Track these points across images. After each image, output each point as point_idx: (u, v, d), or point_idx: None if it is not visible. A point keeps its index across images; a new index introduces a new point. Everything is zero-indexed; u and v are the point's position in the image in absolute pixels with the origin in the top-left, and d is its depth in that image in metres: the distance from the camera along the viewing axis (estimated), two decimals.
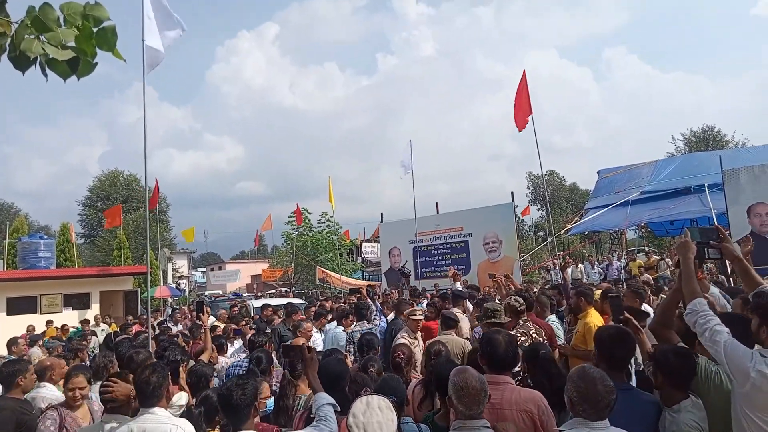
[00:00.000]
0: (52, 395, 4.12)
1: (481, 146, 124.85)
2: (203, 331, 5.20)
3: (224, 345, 6.02)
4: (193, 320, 9.95)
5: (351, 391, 3.03)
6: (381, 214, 21.79)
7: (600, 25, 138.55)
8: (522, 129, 11.60)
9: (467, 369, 2.48)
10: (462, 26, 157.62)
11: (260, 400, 3.11)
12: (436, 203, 20.33)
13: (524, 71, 11.93)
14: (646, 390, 2.85)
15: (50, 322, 12.94)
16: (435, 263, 18.44)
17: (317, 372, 2.89)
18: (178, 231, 45.57)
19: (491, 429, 2.37)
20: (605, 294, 4.74)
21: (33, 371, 4.05)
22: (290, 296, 19.46)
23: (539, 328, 4.57)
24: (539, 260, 27.24)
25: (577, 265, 17.19)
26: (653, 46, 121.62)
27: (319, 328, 6.92)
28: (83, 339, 9.96)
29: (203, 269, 56.22)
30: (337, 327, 6.67)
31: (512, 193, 17.36)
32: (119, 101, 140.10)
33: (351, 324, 6.44)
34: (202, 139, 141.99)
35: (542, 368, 3.32)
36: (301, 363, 3.04)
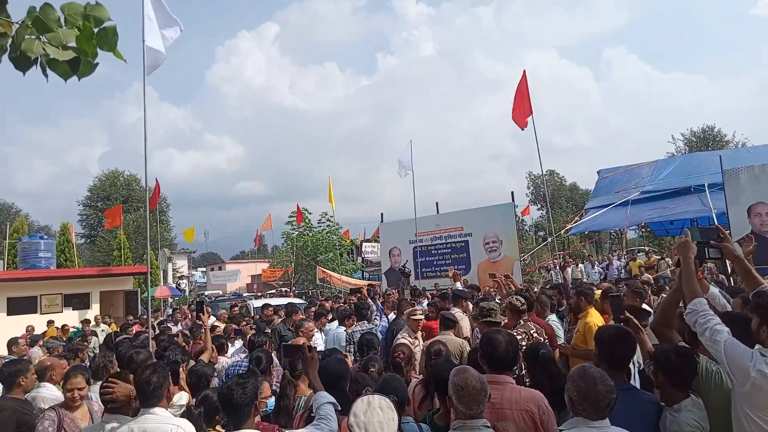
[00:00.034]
0: (53, 395, 4.12)
1: (481, 146, 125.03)
2: (203, 331, 5.20)
3: (225, 345, 6.02)
4: (194, 320, 9.95)
5: (352, 391, 3.03)
6: (381, 214, 21.81)
7: (600, 25, 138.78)
8: (524, 128, 11.62)
9: (467, 369, 2.48)
10: (462, 26, 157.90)
11: (261, 400, 3.11)
12: (436, 203, 20.34)
13: (524, 71, 11.94)
14: (648, 389, 2.85)
15: (51, 322, 12.96)
16: (435, 263, 18.42)
17: (317, 372, 2.89)
18: (178, 231, 45.68)
19: (491, 429, 2.37)
20: (605, 293, 4.74)
21: (34, 371, 4.06)
22: (290, 296, 19.45)
23: (540, 328, 4.56)
24: (539, 260, 27.24)
25: (578, 265, 17.19)
26: (653, 46, 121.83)
27: (320, 328, 6.92)
28: (84, 339, 9.98)
29: (203, 269, 56.23)
30: (339, 327, 6.66)
31: (512, 193, 17.34)
32: (119, 101, 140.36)
33: (353, 324, 6.44)
34: (202, 139, 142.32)
35: (542, 368, 3.33)
36: (302, 362, 3.04)
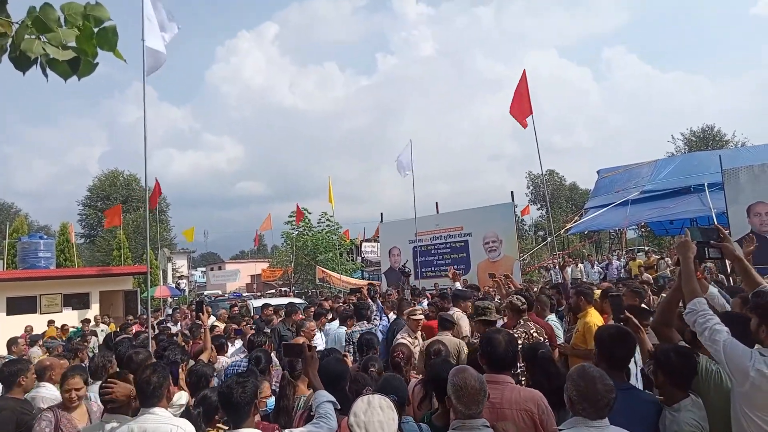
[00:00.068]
0: (52, 395, 4.11)
1: (481, 146, 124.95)
2: (203, 331, 5.20)
3: (224, 345, 6.02)
4: (193, 320, 9.95)
5: (351, 391, 3.04)
6: (381, 214, 21.80)
7: (600, 25, 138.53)
8: (524, 125, 11.60)
9: (466, 369, 2.48)
10: (462, 26, 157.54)
11: (260, 399, 3.12)
12: (436, 203, 20.34)
13: (524, 71, 11.94)
14: (650, 389, 2.85)
15: (51, 322, 12.96)
16: (435, 263, 18.42)
17: (317, 371, 2.89)
18: (178, 231, 45.71)
19: (490, 428, 2.37)
20: (605, 293, 4.75)
21: (34, 371, 4.06)
22: (290, 296, 19.46)
23: (539, 328, 4.56)
24: (539, 260, 27.23)
25: (577, 265, 17.20)
26: (653, 46, 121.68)
27: (320, 328, 6.92)
28: (83, 339, 9.98)
29: (203, 269, 56.20)
30: (340, 327, 6.65)
31: (512, 193, 17.34)
32: (119, 101, 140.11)
33: (353, 325, 6.44)
34: (202, 139, 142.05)
35: (541, 367, 3.32)
36: (302, 361, 3.05)
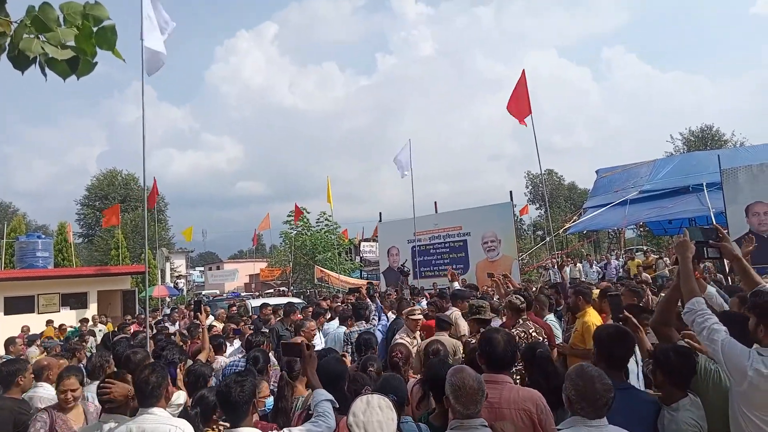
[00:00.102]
0: (50, 395, 4.10)
1: (481, 146, 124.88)
2: (201, 331, 5.19)
3: (223, 345, 6.01)
4: (191, 320, 9.94)
5: (350, 391, 3.03)
6: (380, 214, 21.74)
7: (600, 25, 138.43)
8: (523, 123, 11.57)
9: (464, 368, 2.48)
10: (461, 26, 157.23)
11: (259, 399, 3.11)
12: (435, 203, 20.30)
13: (523, 70, 11.93)
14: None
15: (50, 322, 12.94)
16: (433, 262, 18.41)
17: (315, 371, 2.89)
18: (177, 230, 45.71)
19: (489, 428, 2.37)
20: (604, 293, 4.75)
21: (32, 371, 4.05)
22: (289, 296, 19.45)
23: (539, 327, 4.57)
24: (538, 259, 27.24)
25: (576, 264, 17.22)
26: (653, 46, 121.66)
27: (318, 328, 6.91)
28: (81, 339, 9.96)
29: (201, 269, 56.12)
30: (339, 327, 6.64)
31: (510, 193, 17.33)
32: (118, 101, 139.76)
33: (352, 325, 6.43)
34: (202, 139, 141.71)
35: (539, 366, 3.32)
36: (300, 360, 3.04)
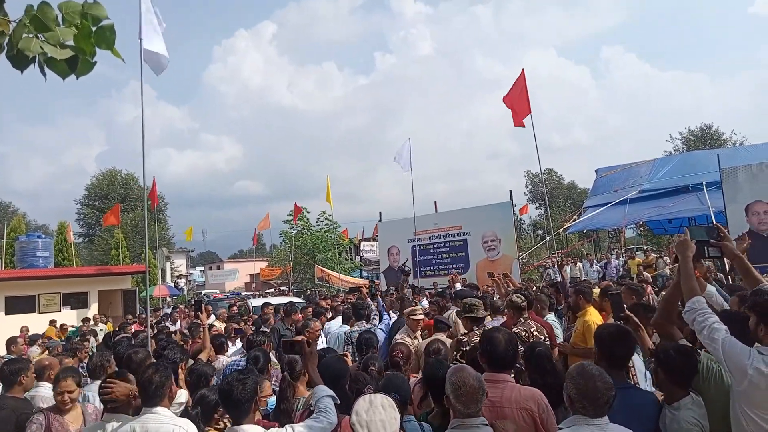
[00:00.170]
0: (51, 394, 4.11)
1: (480, 145, 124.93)
2: (202, 330, 5.19)
3: (224, 344, 6.01)
4: (192, 319, 9.94)
5: (352, 390, 3.03)
6: (380, 213, 21.81)
7: (599, 25, 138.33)
8: (517, 124, 11.55)
9: (464, 368, 2.48)
10: (460, 25, 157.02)
11: (261, 398, 3.11)
12: (435, 202, 20.34)
13: (522, 70, 11.91)
14: None
15: (53, 322, 12.94)
16: (433, 262, 18.42)
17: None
18: (176, 230, 45.75)
19: (489, 427, 2.37)
20: (604, 292, 4.75)
21: (33, 370, 4.06)
22: (289, 295, 19.46)
23: (540, 326, 4.57)
24: (538, 259, 27.25)
25: (576, 264, 17.22)
26: (652, 46, 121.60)
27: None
28: (83, 339, 9.95)
29: (201, 268, 56.15)
30: (342, 326, 6.64)
31: (510, 192, 17.34)
32: (117, 100, 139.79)
33: (353, 325, 6.43)
34: (200, 139, 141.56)
35: (537, 364, 3.32)
36: (301, 358, 3.05)
